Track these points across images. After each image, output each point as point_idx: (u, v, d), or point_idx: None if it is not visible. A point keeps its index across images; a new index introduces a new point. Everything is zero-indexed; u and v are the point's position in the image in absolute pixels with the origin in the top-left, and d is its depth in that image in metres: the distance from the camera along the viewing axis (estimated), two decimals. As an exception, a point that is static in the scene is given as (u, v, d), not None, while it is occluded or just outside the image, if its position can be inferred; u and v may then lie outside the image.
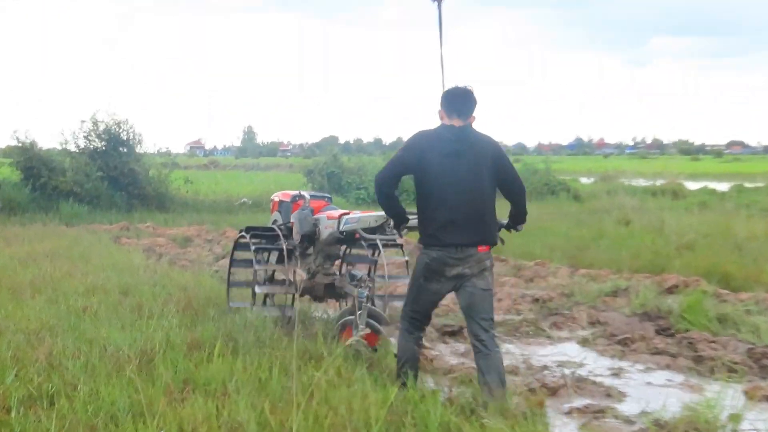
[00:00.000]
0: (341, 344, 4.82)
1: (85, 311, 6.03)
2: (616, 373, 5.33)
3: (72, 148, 20.52)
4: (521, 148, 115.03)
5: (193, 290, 6.89)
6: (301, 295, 6.11)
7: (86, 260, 9.22)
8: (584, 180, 31.72)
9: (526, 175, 22.79)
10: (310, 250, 6.08)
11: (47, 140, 31.44)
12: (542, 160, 29.40)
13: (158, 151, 32.04)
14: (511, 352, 5.72)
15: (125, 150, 20.54)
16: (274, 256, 6.19)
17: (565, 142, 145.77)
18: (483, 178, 4.19)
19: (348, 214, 5.62)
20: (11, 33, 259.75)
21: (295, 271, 6.00)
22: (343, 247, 6.18)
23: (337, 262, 6.25)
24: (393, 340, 4.86)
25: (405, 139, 4.36)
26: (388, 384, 4.00)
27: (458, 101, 4.26)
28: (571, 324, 6.71)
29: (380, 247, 5.83)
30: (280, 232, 6.02)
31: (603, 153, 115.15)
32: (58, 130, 26.58)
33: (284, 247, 5.85)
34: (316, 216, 5.87)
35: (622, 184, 24.90)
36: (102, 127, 20.39)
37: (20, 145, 19.50)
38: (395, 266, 7.46)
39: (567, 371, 5.24)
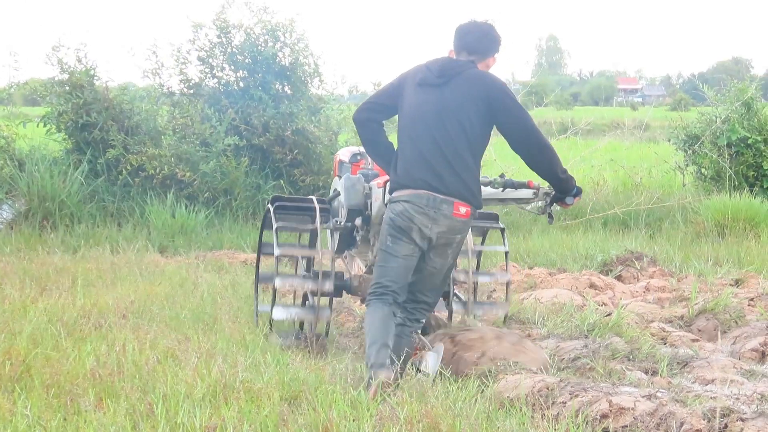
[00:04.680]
0: None
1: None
2: None
3: (174, 85, 13.89)
4: None
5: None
6: (362, 299, 6.68)
7: (208, 328, 6.86)
8: None
9: None
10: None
11: (119, 71, 27.42)
12: None
13: (351, 92, 21.05)
14: None
15: (287, 89, 13.99)
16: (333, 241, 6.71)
17: None
18: (458, 120, 5.29)
19: None
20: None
21: (333, 261, 6.59)
22: None
23: None
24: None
25: None
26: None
27: (469, 38, 5.49)
28: None
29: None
30: (317, 206, 6.43)
31: None
32: (142, 48, 19.35)
33: (318, 228, 6.36)
34: (371, 183, 6.26)
35: None
36: (239, 38, 13.78)
37: (67, 76, 13.10)
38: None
39: None
